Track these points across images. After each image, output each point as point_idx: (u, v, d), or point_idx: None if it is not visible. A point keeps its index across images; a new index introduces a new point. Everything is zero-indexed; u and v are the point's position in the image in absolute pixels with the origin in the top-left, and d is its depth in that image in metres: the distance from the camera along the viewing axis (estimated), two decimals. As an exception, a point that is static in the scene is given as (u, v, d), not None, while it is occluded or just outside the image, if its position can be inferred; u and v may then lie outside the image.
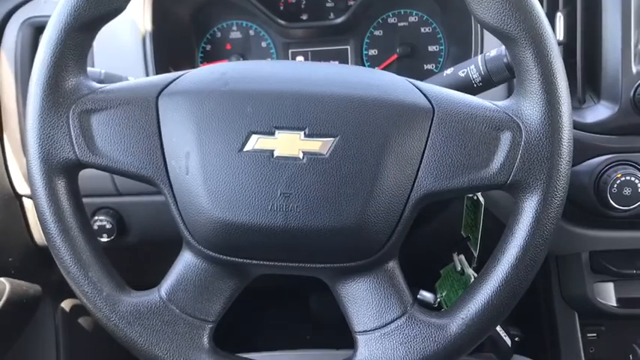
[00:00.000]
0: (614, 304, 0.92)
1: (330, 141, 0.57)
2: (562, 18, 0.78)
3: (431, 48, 1.00)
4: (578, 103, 0.80)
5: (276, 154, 0.57)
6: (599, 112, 0.79)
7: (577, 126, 0.79)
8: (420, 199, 0.57)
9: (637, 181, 0.76)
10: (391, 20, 1.01)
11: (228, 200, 0.57)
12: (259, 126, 0.57)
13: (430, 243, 0.94)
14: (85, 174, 0.62)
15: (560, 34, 0.78)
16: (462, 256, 0.85)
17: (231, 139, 0.57)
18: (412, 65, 1.00)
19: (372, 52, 1.01)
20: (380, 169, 0.56)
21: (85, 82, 0.61)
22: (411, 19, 1.00)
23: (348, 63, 1.01)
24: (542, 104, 0.56)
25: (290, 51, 1.02)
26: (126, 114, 0.59)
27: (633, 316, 0.93)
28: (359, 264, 0.59)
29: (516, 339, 0.94)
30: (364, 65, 1.01)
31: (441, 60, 1.01)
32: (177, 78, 0.61)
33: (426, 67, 1.01)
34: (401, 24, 1.01)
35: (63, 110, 0.59)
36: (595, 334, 1.01)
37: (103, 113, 0.59)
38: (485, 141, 0.57)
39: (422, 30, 1.00)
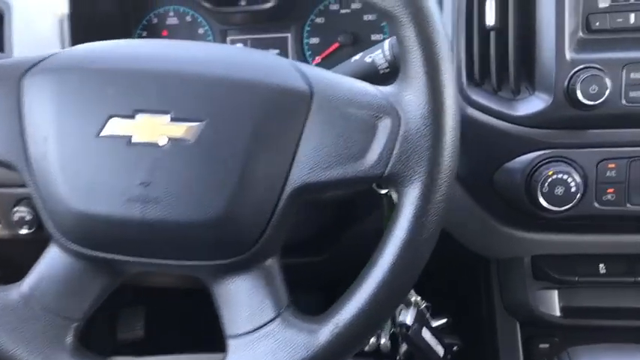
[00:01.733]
0: (558, 314, 0.85)
1: (196, 125, 0.52)
2: (493, 0, 0.72)
3: (374, 36, 0.95)
4: (512, 94, 0.74)
5: (134, 139, 0.52)
6: (533, 103, 0.72)
7: (508, 119, 0.73)
8: (295, 190, 0.52)
9: (570, 179, 0.69)
10: (333, 7, 0.95)
11: (85, 189, 0.53)
12: (119, 109, 0.52)
13: (366, 242, 0.88)
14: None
15: (492, 18, 0.72)
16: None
17: (90, 122, 0.53)
18: (354, 54, 0.95)
19: (314, 40, 0.96)
20: (250, 157, 0.51)
21: None
22: (354, 6, 0.95)
23: (288, 51, 0.96)
24: (423, 89, 0.50)
25: (228, 38, 0.97)
26: None
27: (578, 327, 0.86)
28: (233, 261, 0.54)
29: (455, 348, 0.88)
30: (305, 54, 0.96)
31: (385, 49, 0.95)
32: (49, 57, 0.57)
33: (369, 56, 0.95)
34: (343, 11, 0.95)
35: None
36: (548, 345, 0.94)
37: None
38: (364, 129, 0.51)
39: (365, 18, 0.94)
